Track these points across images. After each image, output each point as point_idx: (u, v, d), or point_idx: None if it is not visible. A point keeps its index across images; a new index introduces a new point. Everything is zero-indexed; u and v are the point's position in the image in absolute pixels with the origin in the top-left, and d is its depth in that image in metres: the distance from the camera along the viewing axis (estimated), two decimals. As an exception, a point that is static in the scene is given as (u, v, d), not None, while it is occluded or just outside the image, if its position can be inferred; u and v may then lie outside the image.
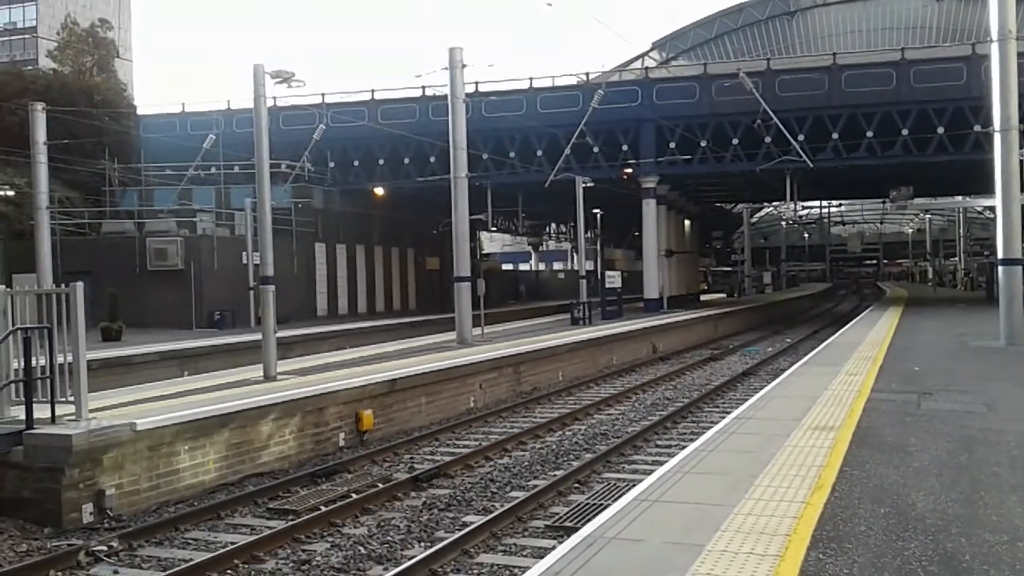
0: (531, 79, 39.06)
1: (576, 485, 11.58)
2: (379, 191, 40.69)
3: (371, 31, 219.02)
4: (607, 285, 36.57)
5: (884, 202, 79.33)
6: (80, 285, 10.71)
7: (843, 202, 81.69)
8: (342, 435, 14.41)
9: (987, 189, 30.52)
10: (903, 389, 13.28)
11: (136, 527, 9.86)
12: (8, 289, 11.17)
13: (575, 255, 54.98)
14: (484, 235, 61.58)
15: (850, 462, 8.41)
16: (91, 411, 10.92)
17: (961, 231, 70.02)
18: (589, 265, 42.96)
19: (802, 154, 34.40)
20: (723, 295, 63.44)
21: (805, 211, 78.74)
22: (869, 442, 9.34)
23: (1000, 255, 20.94)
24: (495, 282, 45.34)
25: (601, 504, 10.17)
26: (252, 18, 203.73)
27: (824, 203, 79.45)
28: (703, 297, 58.09)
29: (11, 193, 31.23)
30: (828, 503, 6.99)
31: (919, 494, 7.29)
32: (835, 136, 35.74)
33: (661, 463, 11.76)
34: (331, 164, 40.33)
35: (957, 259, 74.87)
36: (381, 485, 11.65)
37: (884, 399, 12.27)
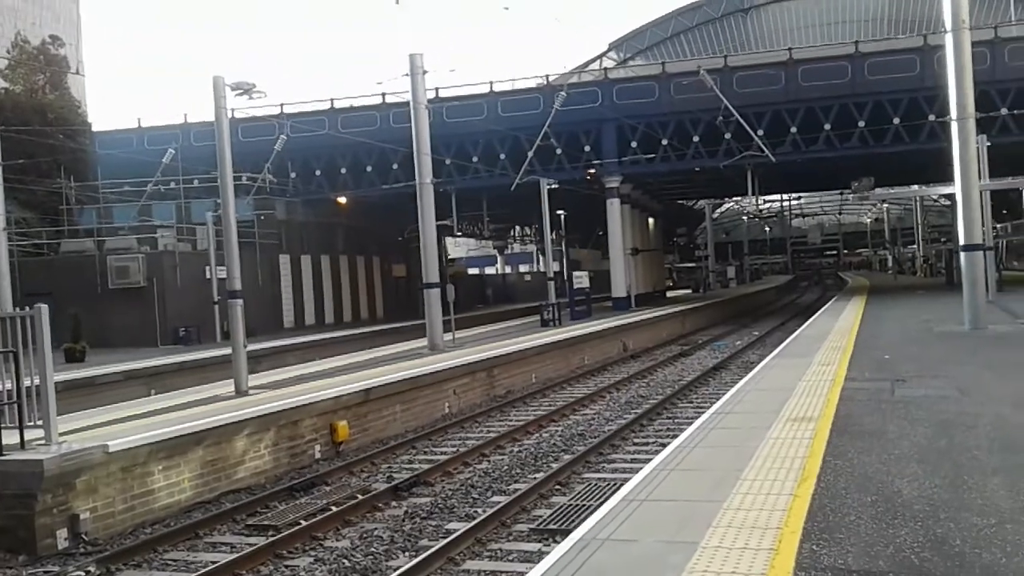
0: (491, 83, 39.04)
1: (557, 487, 11.55)
2: (342, 200, 40.39)
3: (330, 36, 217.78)
4: (575, 285, 36.67)
5: (842, 193, 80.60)
6: (44, 308, 10.47)
7: (803, 194, 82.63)
8: (318, 447, 14.25)
9: (943, 177, 31.06)
10: (876, 377, 13.41)
11: (113, 551, 9.65)
12: (-31, 313, 10.88)
13: (541, 257, 55.14)
14: (449, 240, 61.41)
15: (832, 452, 8.45)
16: (61, 434, 10.68)
17: (919, 219, 71.15)
18: (556, 266, 43.05)
19: (763, 149, 34.73)
20: (688, 291, 63.89)
21: (766, 205, 79.62)
22: (849, 431, 9.40)
23: (961, 241, 21.25)
24: (463, 287, 45.16)
25: (585, 505, 10.15)
26: (205, 29, 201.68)
27: (784, 196, 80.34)
28: (669, 294, 58.47)
29: (-35, 215, 30.47)
30: (815, 494, 7.01)
31: (903, 481, 7.33)
32: (794, 130, 36.14)
33: (641, 462, 11.79)
34: (293, 175, 39.96)
35: (916, 247, 76.08)
36: (360, 496, 11.53)
37: (858, 388, 12.37)
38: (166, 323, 32.03)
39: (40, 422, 10.39)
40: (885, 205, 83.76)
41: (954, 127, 20.59)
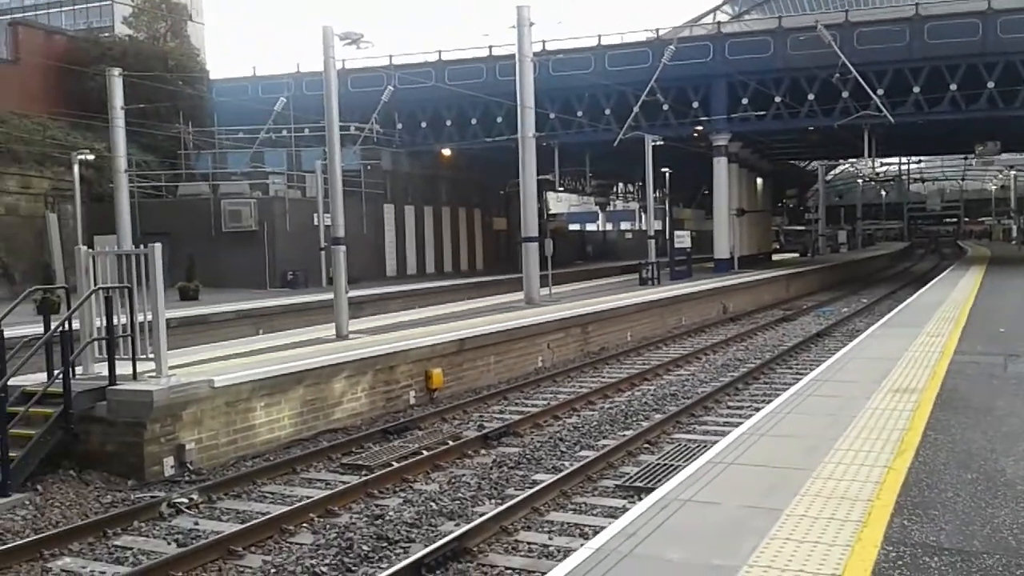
0: (599, 36, 38.44)
1: (646, 445, 11.48)
2: (446, 152, 40.71)
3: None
4: (676, 245, 36.06)
5: (966, 158, 76.60)
6: (158, 246, 10.92)
7: (923, 158, 78.88)
8: (412, 393, 14.55)
9: (1080, 143, 29.12)
10: (988, 351, 12.80)
11: (215, 480, 10.12)
12: (90, 250, 11.46)
13: (643, 215, 54.36)
14: (551, 195, 61.22)
15: (934, 426, 8.13)
16: (170, 368, 11.19)
17: (1049, 188, 67.02)
18: (657, 225, 42.43)
19: (883, 108, 33.20)
20: (796, 255, 62.10)
21: (883, 168, 76.31)
22: (954, 405, 9.02)
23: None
24: (562, 242, 45.06)
25: (672, 465, 10.07)
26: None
27: (903, 160, 76.83)
28: (775, 257, 56.97)
29: (91, 157, 32.03)
30: (912, 468, 6.77)
31: (1008, 460, 7.00)
32: (916, 90, 34.39)
33: (733, 425, 11.61)
34: (399, 126, 40.43)
35: (1044, 217, 71.81)
36: (451, 443, 11.74)
37: (968, 361, 11.84)
38: (275, 266, 33.12)
39: (152, 355, 10.92)
40: (1012, 172, 79.14)
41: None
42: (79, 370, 10.92)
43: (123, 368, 10.66)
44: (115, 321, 10.65)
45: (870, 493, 6.19)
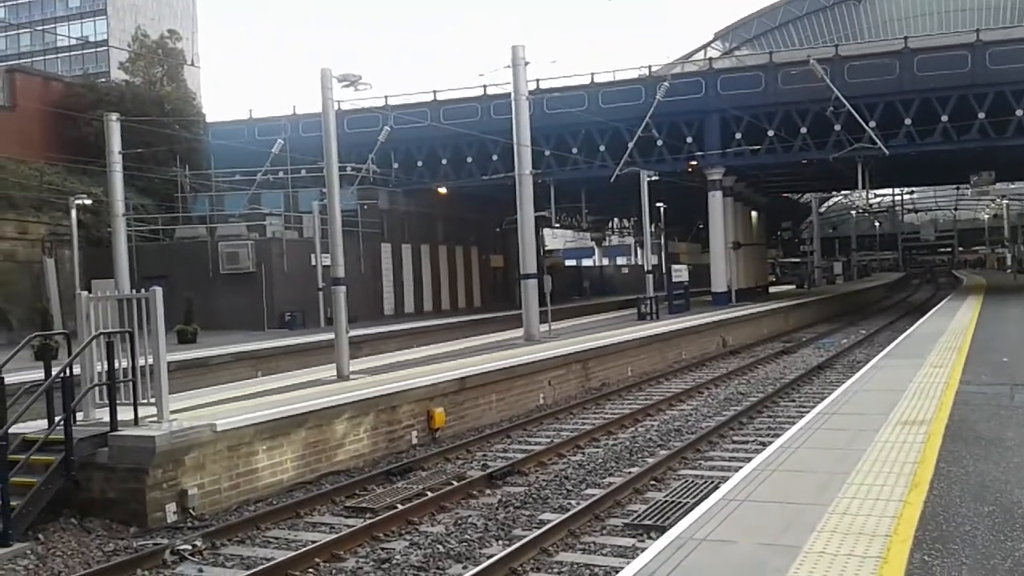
0: (592, 75, 38.82)
1: (653, 482, 11.37)
2: (443, 190, 40.87)
3: (433, 30, 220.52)
4: (674, 279, 36.11)
5: (958, 188, 77.04)
6: (159, 290, 10.89)
7: (915, 189, 79.37)
8: (415, 433, 14.43)
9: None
10: (994, 381, 12.76)
11: (218, 526, 9.98)
12: (91, 295, 11.40)
13: (639, 249, 54.51)
14: (547, 231, 61.40)
15: (946, 458, 8.06)
16: (172, 412, 11.09)
17: (1042, 216, 67.41)
18: (654, 259, 42.51)
19: (876, 140, 33.46)
20: (792, 287, 62.21)
21: (876, 199, 76.71)
22: (964, 436, 8.96)
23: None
24: (559, 278, 45.09)
25: (680, 502, 9.97)
26: (313, 25, 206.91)
27: (896, 191, 77.34)
28: (772, 289, 57.02)
29: (89, 202, 32.09)
30: (928, 501, 6.69)
31: (1023, 491, 6.93)
32: (908, 122, 34.71)
33: (739, 460, 11.52)
34: (395, 165, 40.61)
35: (1038, 245, 72.15)
36: (456, 483, 11.60)
37: (975, 391, 11.79)
38: (273, 307, 33.06)
39: (153, 400, 10.82)
40: (1005, 201, 79.62)
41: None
42: (80, 416, 10.81)
43: (124, 413, 10.56)
44: (116, 366, 10.57)
45: (887, 528, 6.11)
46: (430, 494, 11.00)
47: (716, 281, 39.52)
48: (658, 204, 41.22)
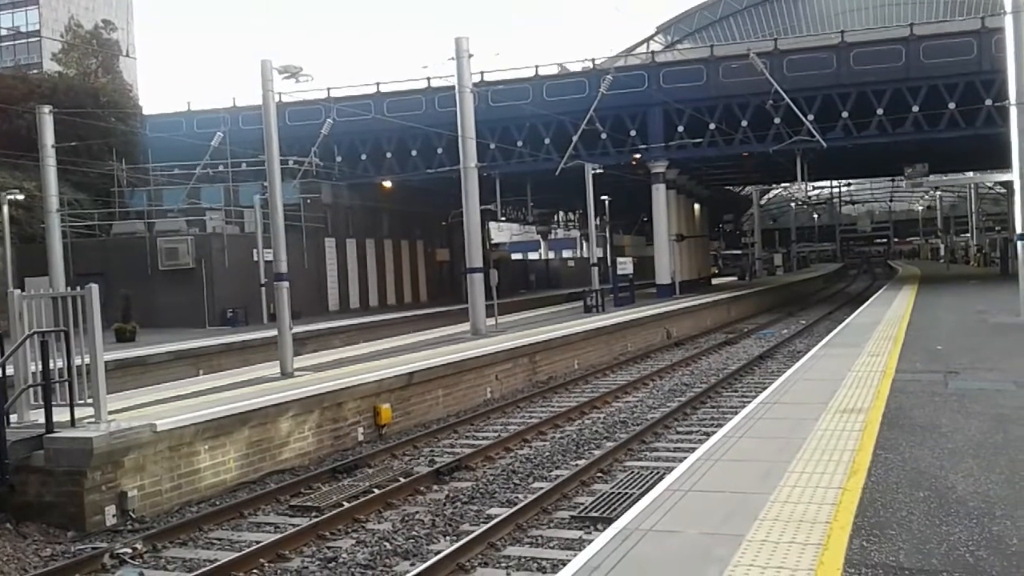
0: (537, 67, 38.90)
1: (599, 474, 11.46)
2: (387, 184, 40.54)
3: (375, 21, 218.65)
4: (619, 272, 36.39)
5: (893, 180, 79.01)
6: (95, 287, 10.62)
7: (852, 181, 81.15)
8: (361, 430, 14.33)
9: (1000, 164, 30.27)
10: (928, 368, 13.11)
11: (160, 528, 9.79)
12: (23, 293, 11.08)
13: (585, 243, 54.80)
14: (492, 225, 61.40)
15: (883, 445, 8.25)
16: (110, 413, 10.84)
17: (973, 207, 69.47)
18: (599, 252, 42.80)
19: (814, 133, 34.10)
20: (734, 278, 63.18)
21: (815, 191, 78.37)
22: (900, 424, 9.18)
23: (1018, 229, 20.68)
24: (505, 272, 45.13)
25: (626, 493, 10.06)
26: (252, 15, 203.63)
27: (834, 183, 78.99)
28: (714, 281, 57.85)
29: (21, 197, 31.16)
30: (865, 488, 6.84)
31: (957, 476, 7.13)
32: (845, 115, 35.43)
33: (684, 451, 11.67)
34: (338, 158, 40.18)
35: (969, 235, 74.35)
36: (403, 479, 11.55)
37: (910, 379, 12.10)
38: (214, 304, 32.48)
39: (90, 400, 10.56)
40: (938, 192, 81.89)
41: (1013, 112, 20.02)
42: (14, 418, 10.50)
43: (60, 415, 10.29)
44: (51, 366, 10.28)
45: (827, 515, 6.24)
46: (376, 491, 10.94)
47: (660, 273, 39.94)
48: (603, 197, 41.47)
